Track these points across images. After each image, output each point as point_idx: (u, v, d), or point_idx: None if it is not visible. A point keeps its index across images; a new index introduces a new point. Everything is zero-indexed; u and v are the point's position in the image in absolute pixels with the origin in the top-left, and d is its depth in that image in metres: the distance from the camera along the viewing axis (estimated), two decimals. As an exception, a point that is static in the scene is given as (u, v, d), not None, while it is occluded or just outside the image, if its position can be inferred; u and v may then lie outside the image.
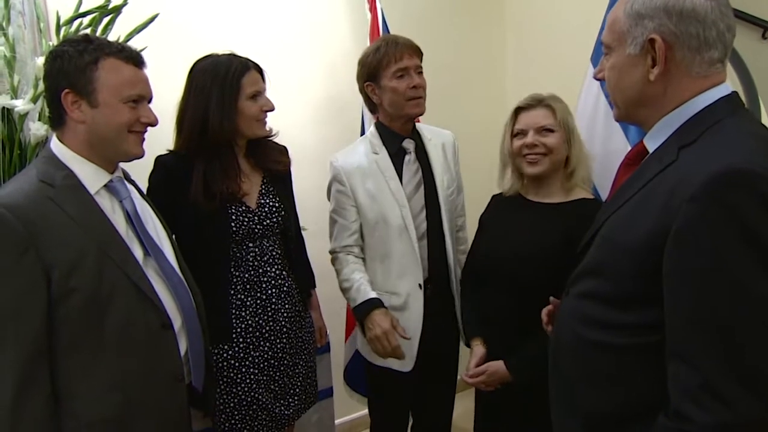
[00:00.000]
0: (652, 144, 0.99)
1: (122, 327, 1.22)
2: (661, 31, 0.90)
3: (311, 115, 2.47)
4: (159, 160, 1.58)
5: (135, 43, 1.81)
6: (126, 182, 1.36)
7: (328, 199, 1.87)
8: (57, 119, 1.26)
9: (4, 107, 1.57)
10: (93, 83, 1.22)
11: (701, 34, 0.89)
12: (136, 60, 1.29)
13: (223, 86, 1.52)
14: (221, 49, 1.61)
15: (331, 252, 1.85)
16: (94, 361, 1.19)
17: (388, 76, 1.72)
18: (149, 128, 1.34)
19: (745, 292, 0.80)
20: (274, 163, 1.67)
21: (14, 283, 1.12)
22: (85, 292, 1.17)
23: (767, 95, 1.96)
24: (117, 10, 1.74)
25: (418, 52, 1.77)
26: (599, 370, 0.99)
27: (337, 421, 2.31)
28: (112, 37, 1.76)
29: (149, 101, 1.33)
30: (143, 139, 1.33)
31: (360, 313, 1.70)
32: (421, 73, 1.77)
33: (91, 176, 1.26)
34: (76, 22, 1.72)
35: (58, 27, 1.71)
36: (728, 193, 0.79)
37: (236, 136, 1.57)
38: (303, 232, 1.92)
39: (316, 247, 2.34)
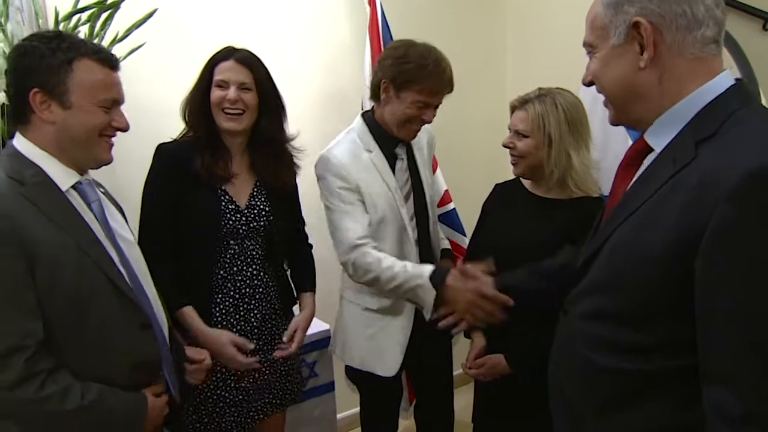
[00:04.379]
0: (657, 140, 0.90)
1: (103, 327, 1.18)
2: (644, 13, 0.84)
3: (309, 110, 2.46)
4: (162, 147, 1.58)
5: (133, 39, 1.82)
6: (95, 186, 1.32)
7: (326, 201, 1.70)
8: (21, 116, 1.19)
9: (3, 104, 1.57)
10: (66, 84, 1.15)
11: (688, 11, 0.83)
12: (111, 63, 1.23)
13: (202, 72, 1.56)
14: (220, 45, 1.61)
15: (344, 262, 1.64)
16: (75, 363, 1.15)
17: (411, 98, 1.59)
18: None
19: None
20: (268, 173, 1.64)
21: (4, 277, 1.07)
22: (67, 291, 1.12)
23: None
24: (115, 6, 1.74)
25: (450, 90, 1.66)
26: (614, 399, 0.90)
27: (338, 416, 2.32)
28: (110, 32, 1.77)
29: (120, 105, 1.28)
30: (112, 145, 1.27)
31: (437, 291, 1.45)
32: (437, 107, 1.66)
33: (61, 174, 1.20)
34: (75, 18, 1.71)
35: (57, 23, 1.71)
36: None
37: (216, 125, 1.56)
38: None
39: (316, 242, 2.33)
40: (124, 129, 1.26)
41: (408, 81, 1.58)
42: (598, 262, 0.94)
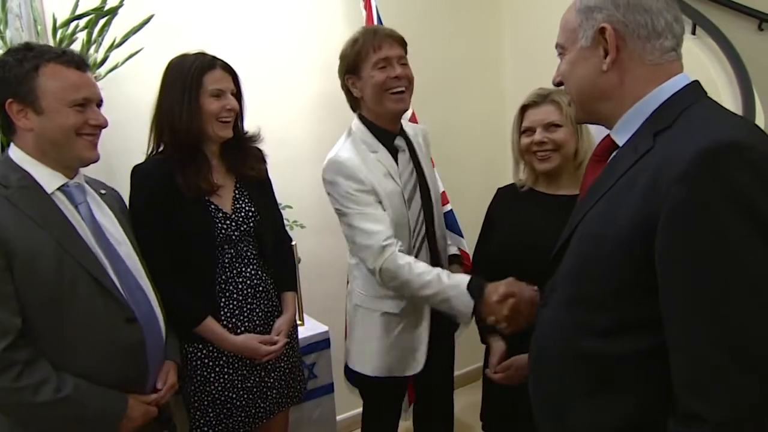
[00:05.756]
0: (621, 137, 0.97)
1: (84, 321, 1.22)
2: (610, 20, 0.93)
3: (307, 112, 2.48)
4: (141, 168, 1.55)
5: (131, 45, 1.83)
6: (87, 188, 1.35)
7: (339, 206, 1.62)
8: (7, 128, 1.27)
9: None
10: (35, 91, 1.21)
11: (649, 22, 0.92)
12: (78, 63, 1.27)
13: (185, 82, 1.52)
14: (217, 49, 1.62)
15: (373, 269, 1.55)
16: (55, 353, 1.19)
17: (369, 68, 1.61)
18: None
19: (747, 269, 0.76)
20: (248, 168, 1.66)
21: None
22: (45, 286, 1.18)
23: (764, 86, 1.96)
24: (113, 12, 1.76)
25: (400, 42, 1.66)
26: (596, 384, 0.92)
27: (338, 417, 2.33)
28: (108, 38, 1.79)
29: (99, 105, 1.31)
30: (96, 143, 1.31)
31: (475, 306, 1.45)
32: (405, 64, 1.65)
33: (46, 177, 1.26)
34: (73, 24, 1.73)
35: (55, 29, 1.72)
36: (720, 168, 0.77)
37: (203, 136, 1.56)
38: (301, 230, 1.91)
39: (315, 244, 2.36)
40: (103, 126, 1.31)
41: (355, 60, 1.63)
42: (570, 250, 0.99)
